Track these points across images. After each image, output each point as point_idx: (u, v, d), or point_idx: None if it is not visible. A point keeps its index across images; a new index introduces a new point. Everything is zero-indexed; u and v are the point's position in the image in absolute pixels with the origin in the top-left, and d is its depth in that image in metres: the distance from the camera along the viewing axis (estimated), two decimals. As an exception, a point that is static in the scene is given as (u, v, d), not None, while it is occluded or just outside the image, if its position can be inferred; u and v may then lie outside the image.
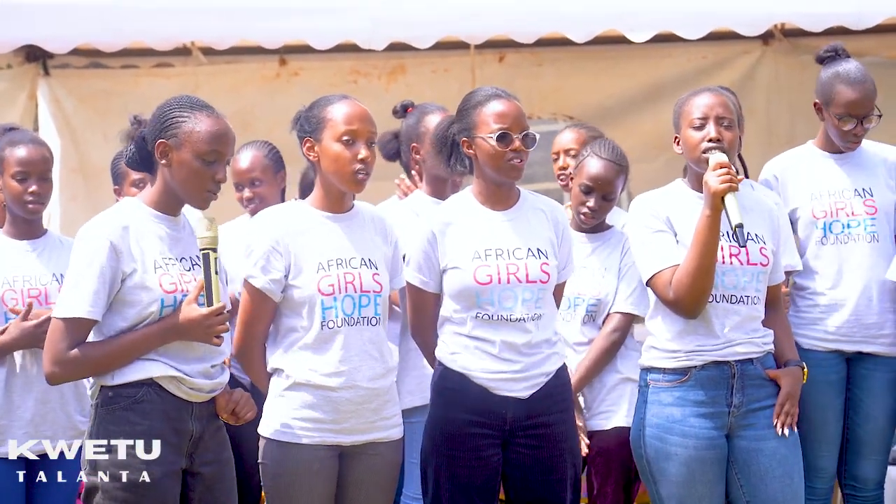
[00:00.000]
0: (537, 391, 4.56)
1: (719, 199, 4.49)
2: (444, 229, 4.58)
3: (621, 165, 5.16)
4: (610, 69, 7.49)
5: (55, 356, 4.07)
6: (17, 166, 4.91)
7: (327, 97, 4.54)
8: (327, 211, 4.50)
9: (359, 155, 4.42)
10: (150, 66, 7.47)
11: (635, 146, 7.42)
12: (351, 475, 4.44)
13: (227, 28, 6.61)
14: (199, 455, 4.15)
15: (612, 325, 5.11)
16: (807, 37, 7.16)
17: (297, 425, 4.39)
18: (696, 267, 4.51)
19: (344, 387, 4.40)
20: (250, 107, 7.37)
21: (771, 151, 5.61)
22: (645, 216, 4.67)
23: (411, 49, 6.88)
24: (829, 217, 5.16)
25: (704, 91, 4.69)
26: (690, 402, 4.60)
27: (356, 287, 4.42)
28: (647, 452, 4.64)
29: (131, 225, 4.11)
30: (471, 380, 4.54)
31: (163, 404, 4.09)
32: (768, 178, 5.23)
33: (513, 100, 4.58)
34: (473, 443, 4.53)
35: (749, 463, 4.61)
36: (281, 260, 4.41)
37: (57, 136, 7.20)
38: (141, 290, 4.08)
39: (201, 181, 4.13)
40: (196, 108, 4.16)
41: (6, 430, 4.84)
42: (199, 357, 4.15)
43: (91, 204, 7.18)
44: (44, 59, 7.38)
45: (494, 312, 4.53)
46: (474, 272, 4.52)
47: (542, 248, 4.59)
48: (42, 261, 4.95)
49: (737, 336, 4.60)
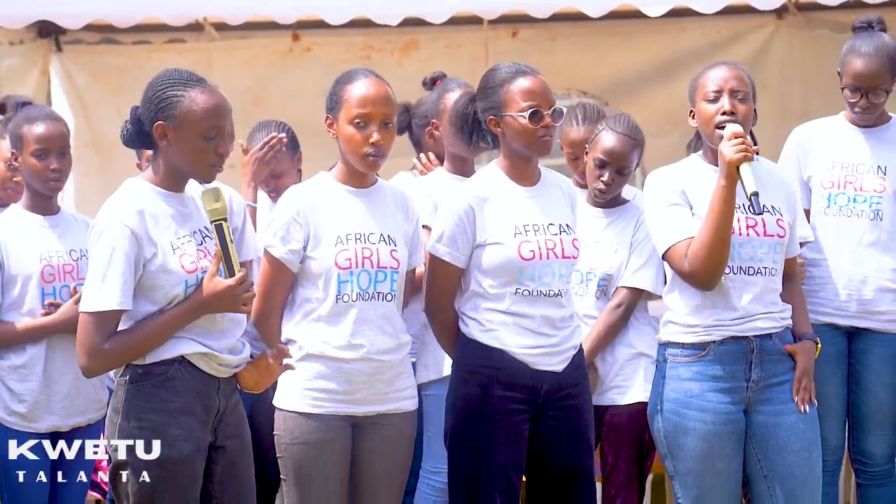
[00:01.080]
0: (568, 364, 4.57)
1: (734, 168, 4.48)
2: (481, 204, 4.54)
3: (636, 139, 5.15)
4: (623, 44, 7.46)
5: (91, 350, 4.05)
6: (36, 143, 4.90)
7: (349, 73, 4.53)
8: (349, 185, 4.50)
9: (370, 138, 4.42)
10: (163, 42, 7.46)
11: (649, 121, 7.38)
12: (365, 446, 4.46)
13: (239, 3, 6.62)
14: (223, 429, 4.16)
15: (617, 300, 5.10)
16: (821, 10, 7.14)
17: (310, 396, 4.41)
18: (711, 238, 4.50)
19: (356, 358, 4.41)
20: (263, 83, 7.37)
21: (784, 126, 5.62)
22: (660, 190, 4.66)
23: (424, 24, 6.87)
24: (836, 189, 5.15)
25: (719, 64, 4.69)
26: (709, 377, 4.59)
27: (373, 262, 4.43)
28: (664, 427, 4.64)
29: (145, 208, 4.09)
30: (510, 355, 4.52)
31: (192, 381, 4.09)
32: (793, 143, 5.23)
33: (538, 75, 4.56)
34: (511, 419, 4.52)
35: (767, 437, 4.61)
36: (300, 231, 4.42)
37: (70, 111, 7.19)
38: (164, 273, 4.07)
39: (204, 157, 4.09)
40: (188, 84, 4.10)
41: (43, 406, 4.86)
42: (224, 331, 4.15)
43: (104, 179, 7.20)
44: (56, 34, 7.37)
45: (535, 288, 4.52)
46: (518, 247, 4.51)
47: (569, 224, 4.60)
48: (65, 238, 4.95)
49: (755, 309, 4.60)
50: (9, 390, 4.87)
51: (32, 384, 4.86)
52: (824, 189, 5.16)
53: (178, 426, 4.06)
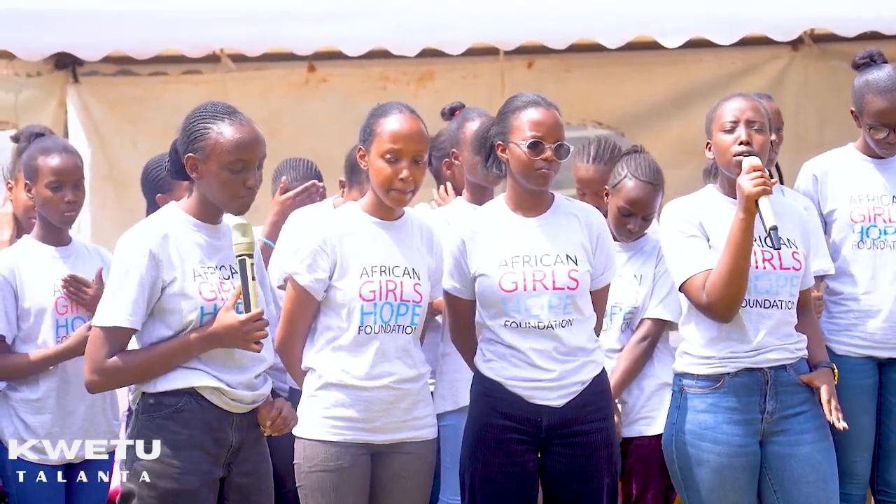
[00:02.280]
0: (573, 399, 4.55)
1: (753, 202, 4.47)
2: (472, 236, 4.58)
3: (659, 184, 5.15)
4: (639, 75, 7.47)
5: (95, 364, 4.06)
6: (51, 175, 4.92)
7: (384, 107, 4.54)
8: (377, 217, 4.51)
9: (400, 174, 4.43)
10: (179, 73, 7.49)
11: (665, 152, 7.40)
12: (384, 475, 4.46)
13: (256, 35, 6.62)
14: (238, 465, 4.15)
15: (643, 333, 5.11)
16: (836, 42, 7.15)
17: (329, 424, 4.41)
18: (729, 270, 4.50)
19: (375, 387, 4.42)
20: (278, 113, 7.38)
21: (800, 157, 5.60)
22: (677, 221, 4.66)
23: (441, 55, 6.88)
24: (867, 222, 5.15)
25: (736, 95, 4.69)
26: (723, 409, 4.58)
27: (396, 295, 4.44)
28: (678, 458, 4.63)
29: (171, 233, 4.11)
30: (505, 387, 4.53)
31: (203, 414, 4.08)
32: (808, 177, 5.22)
33: (551, 108, 4.57)
34: (509, 448, 4.52)
35: (783, 468, 4.60)
36: (327, 260, 4.43)
37: (86, 143, 7.21)
38: (181, 297, 4.08)
39: (233, 190, 4.11)
40: (219, 116, 4.13)
41: (57, 437, 4.87)
42: (241, 367, 4.14)
43: (121, 211, 7.21)
44: (73, 66, 7.40)
45: (522, 320, 4.52)
46: (500, 279, 4.52)
47: (571, 255, 4.57)
48: (76, 269, 4.96)
49: (770, 342, 4.59)
50: (21, 422, 4.87)
51: (45, 417, 4.86)
52: (855, 223, 5.16)
53: (183, 458, 4.04)
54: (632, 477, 5.12)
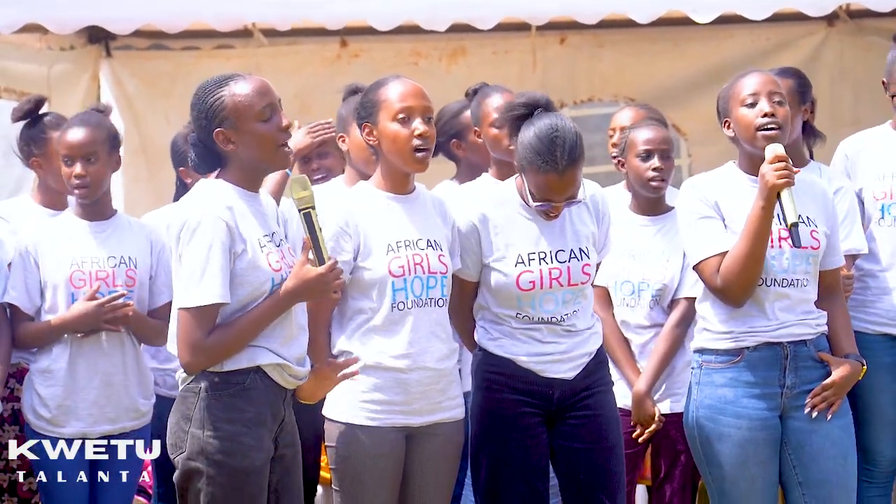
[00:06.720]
0: (580, 371, 4.55)
1: (775, 193, 4.43)
2: (485, 224, 4.54)
3: (661, 118, 5.20)
4: (671, 50, 7.44)
5: (194, 346, 4.00)
6: (63, 150, 4.93)
7: (378, 80, 4.53)
8: (391, 192, 4.48)
9: (416, 131, 4.40)
10: (211, 48, 7.51)
11: (696, 128, 7.39)
12: (417, 456, 4.45)
13: (288, 9, 6.61)
14: (283, 438, 4.14)
15: (681, 314, 5.08)
16: (872, 17, 7.09)
17: (367, 408, 4.38)
18: (745, 256, 4.46)
19: (413, 368, 4.40)
20: (310, 88, 7.38)
21: (835, 134, 5.56)
22: (693, 201, 4.62)
23: (472, 30, 6.86)
24: (888, 199, 5.10)
25: (752, 71, 4.65)
26: (743, 383, 4.56)
27: (424, 268, 4.42)
28: (699, 434, 4.60)
29: (234, 205, 4.07)
30: (516, 363, 4.53)
31: (266, 391, 4.07)
32: (840, 157, 5.19)
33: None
34: (523, 422, 4.52)
35: (802, 443, 4.57)
36: (350, 241, 4.39)
37: (120, 117, 7.22)
38: (253, 269, 4.05)
39: (271, 139, 4.08)
40: (221, 83, 4.10)
41: (70, 411, 4.87)
42: (294, 338, 4.12)
43: (153, 185, 7.25)
44: (106, 40, 7.43)
45: (535, 315, 4.52)
46: (517, 278, 4.50)
47: (584, 247, 4.55)
48: (108, 244, 4.94)
49: (788, 318, 4.55)
50: (37, 394, 4.88)
51: (57, 389, 4.86)
52: (876, 200, 5.11)
53: (252, 436, 4.02)
54: (660, 454, 5.11)
